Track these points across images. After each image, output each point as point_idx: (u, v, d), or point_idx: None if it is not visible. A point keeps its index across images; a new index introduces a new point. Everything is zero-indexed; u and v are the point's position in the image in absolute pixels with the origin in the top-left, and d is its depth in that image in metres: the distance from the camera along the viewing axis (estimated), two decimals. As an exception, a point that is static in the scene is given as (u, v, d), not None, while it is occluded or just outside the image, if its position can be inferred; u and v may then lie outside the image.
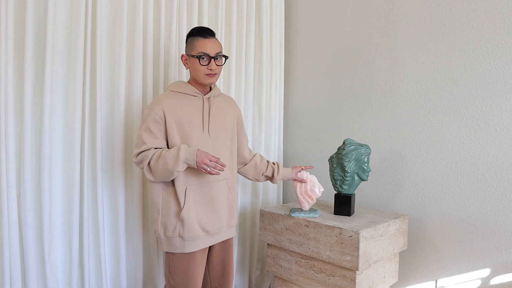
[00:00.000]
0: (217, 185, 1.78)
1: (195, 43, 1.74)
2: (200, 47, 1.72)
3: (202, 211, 1.75)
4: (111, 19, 2.02)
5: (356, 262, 1.79)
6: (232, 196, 1.86)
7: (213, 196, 1.77)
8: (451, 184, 2.08)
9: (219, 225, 1.80)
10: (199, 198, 1.75)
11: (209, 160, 1.64)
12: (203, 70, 1.73)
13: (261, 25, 2.65)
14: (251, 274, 2.70)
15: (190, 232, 1.71)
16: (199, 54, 1.72)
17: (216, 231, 1.80)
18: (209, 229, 1.77)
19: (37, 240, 1.82)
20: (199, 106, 1.78)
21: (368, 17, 2.40)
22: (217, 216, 1.79)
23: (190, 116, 1.74)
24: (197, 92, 1.79)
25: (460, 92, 2.04)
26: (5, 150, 1.68)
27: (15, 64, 1.74)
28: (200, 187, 1.75)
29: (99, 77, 1.93)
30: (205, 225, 1.75)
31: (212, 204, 1.77)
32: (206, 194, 1.76)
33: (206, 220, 1.76)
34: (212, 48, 1.73)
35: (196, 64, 1.73)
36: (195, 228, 1.72)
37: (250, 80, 2.62)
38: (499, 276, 1.93)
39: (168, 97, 1.75)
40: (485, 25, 1.95)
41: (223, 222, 1.83)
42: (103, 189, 2.02)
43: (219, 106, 1.85)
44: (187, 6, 2.29)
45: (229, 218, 1.86)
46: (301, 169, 2.05)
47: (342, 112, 2.54)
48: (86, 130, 1.92)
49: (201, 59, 1.72)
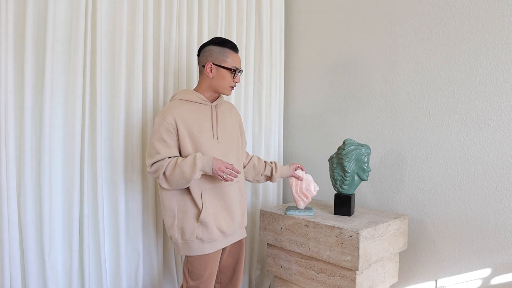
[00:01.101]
0: (230, 188, 1.84)
1: (227, 54, 1.80)
2: (234, 62, 1.81)
3: (219, 214, 1.80)
4: (111, 19, 2.02)
5: (356, 262, 1.79)
6: (243, 198, 1.93)
7: (228, 199, 1.83)
8: (451, 184, 2.08)
9: (234, 227, 1.86)
10: (215, 201, 1.80)
11: (225, 167, 1.70)
12: (230, 82, 1.82)
13: (261, 25, 2.65)
14: (251, 274, 2.70)
15: (210, 234, 1.77)
16: (234, 68, 1.81)
17: (231, 232, 1.86)
18: (226, 231, 1.82)
19: (37, 240, 1.82)
20: (208, 113, 1.82)
21: (368, 17, 2.40)
22: (232, 218, 1.85)
23: (200, 123, 1.78)
24: (205, 100, 1.83)
25: (460, 92, 2.04)
26: (5, 150, 1.68)
27: (15, 64, 1.74)
28: (215, 191, 1.80)
29: (99, 78, 1.93)
30: (223, 227, 1.81)
31: (228, 206, 1.83)
32: (221, 197, 1.82)
33: (223, 222, 1.81)
34: (240, 63, 1.85)
35: (227, 76, 1.80)
36: (213, 231, 1.77)
37: (250, 80, 2.62)
38: (499, 276, 1.93)
39: (177, 105, 1.77)
40: (485, 25, 1.95)
41: (237, 224, 1.88)
42: (103, 189, 2.02)
43: (224, 113, 1.90)
44: (187, 6, 2.29)
45: (241, 219, 1.91)
46: (298, 167, 2.07)
47: (342, 112, 2.54)
48: (86, 130, 1.91)
49: (236, 74, 1.81)
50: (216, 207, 1.80)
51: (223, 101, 1.95)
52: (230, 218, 1.84)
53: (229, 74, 1.80)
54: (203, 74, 1.83)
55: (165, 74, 2.24)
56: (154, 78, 2.19)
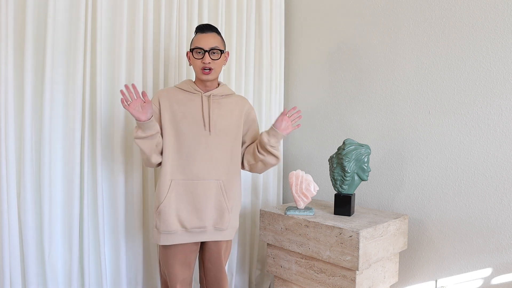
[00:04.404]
0: (204, 184, 1.77)
1: (194, 39, 1.79)
2: (195, 42, 1.76)
3: (183, 207, 1.75)
4: (111, 19, 2.02)
5: (356, 262, 1.79)
6: (225, 199, 1.80)
7: (197, 194, 1.76)
8: (451, 184, 2.08)
9: (200, 224, 1.77)
10: (183, 193, 1.76)
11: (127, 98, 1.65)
12: (198, 64, 1.76)
13: (261, 25, 2.65)
14: (251, 274, 2.70)
15: (166, 225, 1.74)
16: (194, 48, 1.75)
17: (198, 230, 1.78)
18: (187, 226, 1.76)
19: (37, 240, 1.82)
20: (197, 103, 1.79)
21: (368, 17, 2.40)
22: (198, 214, 1.77)
23: (185, 110, 1.76)
24: (196, 89, 1.81)
25: (460, 92, 2.04)
26: (5, 150, 1.68)
27: (15, 64, 1.74)
28: (186, 183, 1.76)
29: (99, 77, 1.93)
30: (184, 221, 1.76)
31: (194, 201, 1.76)
32: (190, 191, 1.76)
33: (185, 216, 1.76)
34: (207, 42, 1.74)
35: (193, 59, 1.78)
36: (171, 222, 1.73)
37: (250, 80, 2.62)
38: (499, 276, 1.93)
39: (168, 90, 1.81)
40: (485, 25, 1.95)
41: (207, 222, 1.78)
42: (103, 189, 2.02)
43: (224, 106, 1.83)
44: (187, 6, 2.29)
45: (217, 219, 1.80)
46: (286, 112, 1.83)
47: (342, 112, 2.54)
48: (86, 130, 1.91)
49: (194, 52, 1.75)
50: (182, 199, 1.75)
51: (231, 95, 1.88)
52: (195, 214, 1.76)
53: (193, 56, 1.75)
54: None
55: (165, 73, 2.24)
56: (154, 77, 2.19)
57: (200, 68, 1.75)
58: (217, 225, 1.81)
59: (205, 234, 1.80)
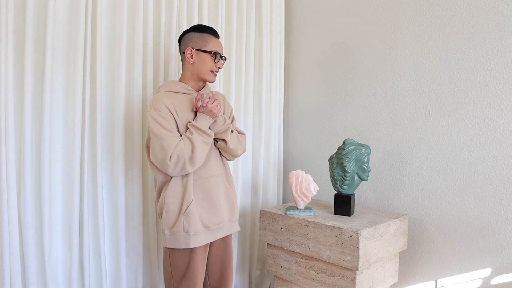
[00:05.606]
0: (214, 180, 1.78)
1: (207, 39, 1.79)
2: (214, 46, 1.79)
3: (201, 206, 1.74)
4: (111, 19, 2.02)
5: (356, 262, 1.79)
6: (231, 190, 1.87)
7: (212, 191, 1.77)
8: (451, 184, 2.08)
9: (219, 220, 1.79)
10: (199, 192, 1.75)
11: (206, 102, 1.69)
12: (210, 66, 1.79)
13: (261, 25, 2.65)
14: (251, 274, 2.70)
15: (194, 226, 1.70)
16: (214, 51, 1.78)
17: (216, 227, 1.79)
18: (209, 224, 1.76)
19: (37, 240, 1.81)
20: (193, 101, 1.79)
21: (368, 17, 2.40)
22: (215, 211, 1.78)
23: (187, 114, 1.75)
24: (190, 90, 1.79)
25: (460, 92, 2.04)
26: (5, 150, 1.67)
27: (15, 64, 1.74)
28: (202, 182, 1.75)
29: (99, 77, 1.93)
30: (205, 220, 1.75)
31: (211, 199, 1.77)
32: (206, 189, 1.76)
33: (205, 215, 1.75)
34: (221, 49, 1.83)
35: (208, 60, 1.78)
36: (197, 223, 1.71)
37: (250, 80, 2.62)
38: (499, 276, 1.93)
39: (165, 97, 1.72)
40: (485, 25, 1.95)
41: (224, 217, 1.81)
42: (103, 189, 2.02)
43: None
44: (187, 6, 2.29)
45: (230, 212, 1.85)
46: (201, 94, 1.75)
47: (342, 112, 2.54)
48: (86, 130, 1.91)
49: (217, 58, 1.79)
50: (199, 199, 1.73)
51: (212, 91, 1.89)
52: (213, 211, 1.76)
53: (210, 58, 1.78)
54: (184, 62, 1.81)
55: (165, 73, 2.24)
56: (154, 78, 2.18)
57: (210, 70, 1.80)
58: (231, 218, 1.86)
59: (223, 229, 1.82)
